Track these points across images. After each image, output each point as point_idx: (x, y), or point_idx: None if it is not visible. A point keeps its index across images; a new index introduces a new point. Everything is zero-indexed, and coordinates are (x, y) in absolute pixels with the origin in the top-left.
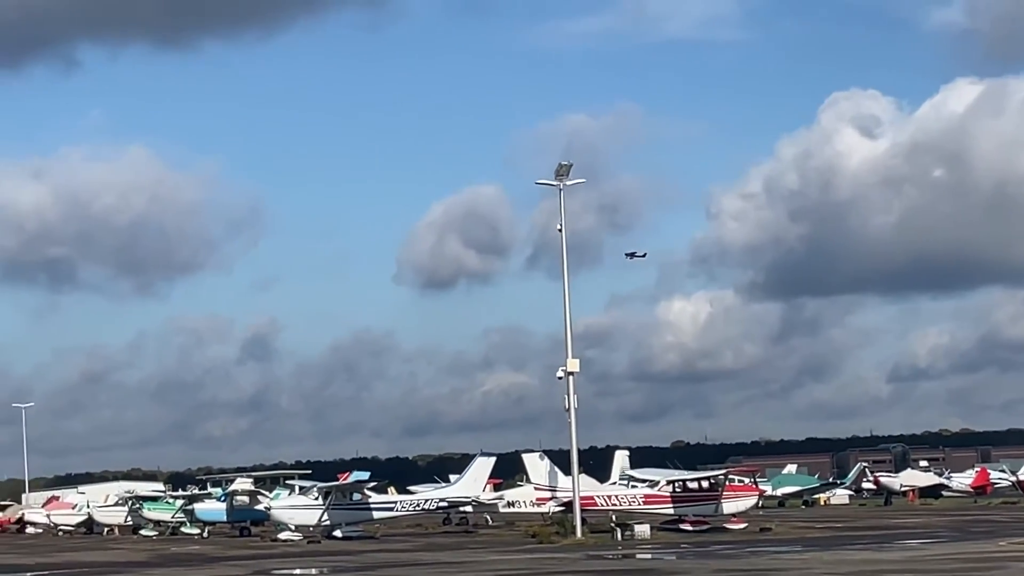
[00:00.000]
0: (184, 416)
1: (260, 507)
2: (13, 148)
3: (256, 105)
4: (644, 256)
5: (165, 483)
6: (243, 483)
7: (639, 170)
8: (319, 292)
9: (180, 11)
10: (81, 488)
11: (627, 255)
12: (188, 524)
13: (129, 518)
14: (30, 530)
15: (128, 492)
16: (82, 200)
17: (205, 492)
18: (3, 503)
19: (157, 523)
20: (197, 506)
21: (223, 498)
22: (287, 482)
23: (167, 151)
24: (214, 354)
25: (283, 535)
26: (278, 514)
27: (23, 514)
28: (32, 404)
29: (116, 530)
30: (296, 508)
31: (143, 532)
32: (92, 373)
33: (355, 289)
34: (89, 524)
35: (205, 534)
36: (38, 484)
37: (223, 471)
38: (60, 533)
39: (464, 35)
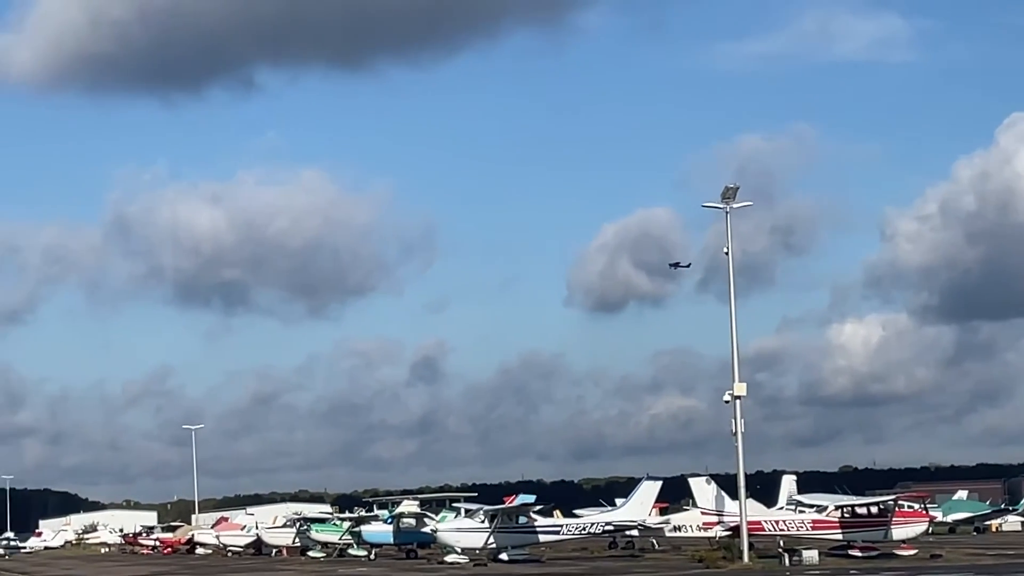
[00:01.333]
0: (352, 438)
1: (427, 529)
2: (192, 171)
3: (429, 127)
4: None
5: (332, 505)
6: (410, 505)
7: (813, 191)
8: (489, 314)
9: (357, 34)
10: (250, 509)
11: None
12: (355, 546)
13: (297, 539)
14: (200, 551)
15: (296, 513)
16: (257, 223)
17: (372, 514)
18: (174, 524)
19: (324, 544)
20: (364, 528)
21: (390, 520)
22: (453, 504)
23: (341, 173)
24: (383, 376)
25: (449, 558)
26: (445, 536)
27: (193, 535)
28: (202, 426)
29: (284, 551)
30: (462, 531)
31: (311, 553)
32: (262, 395)
33: (525, 311)
34: (258, 545)
35: (372, 556)
36: (208, 505)
37: (390, 493)
38: (229, 554)
39: (638, 56)
